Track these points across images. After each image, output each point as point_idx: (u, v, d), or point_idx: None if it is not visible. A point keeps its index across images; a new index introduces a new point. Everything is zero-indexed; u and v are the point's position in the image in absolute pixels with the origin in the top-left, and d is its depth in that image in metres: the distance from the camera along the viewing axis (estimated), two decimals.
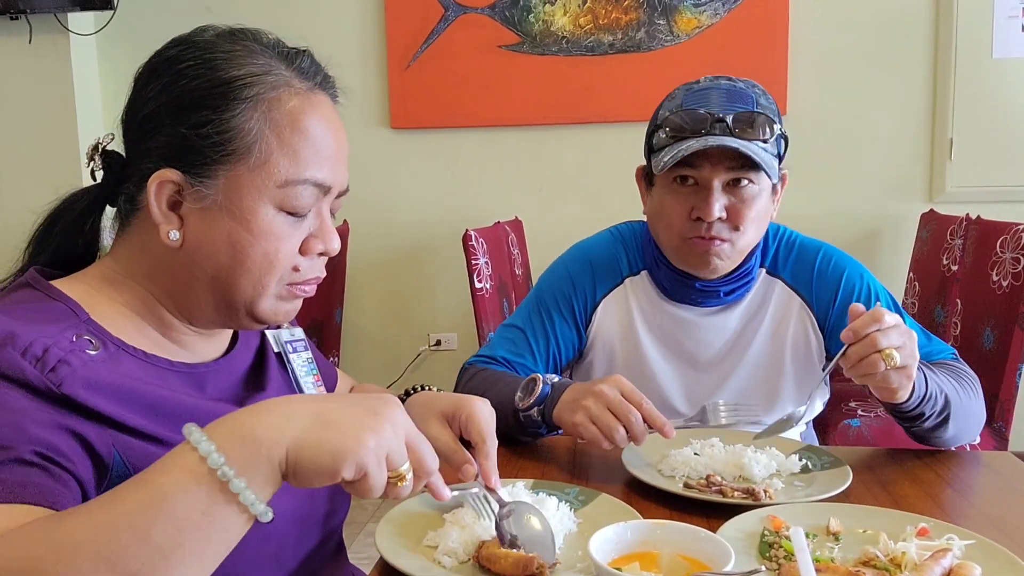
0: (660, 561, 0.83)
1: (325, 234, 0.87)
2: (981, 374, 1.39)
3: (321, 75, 0.88)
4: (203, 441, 0.61)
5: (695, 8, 3.28)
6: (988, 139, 3.22)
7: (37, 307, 0.79)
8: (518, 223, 3.33)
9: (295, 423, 0.64)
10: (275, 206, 0.83)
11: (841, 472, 1.15)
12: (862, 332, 1.06)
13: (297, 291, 0.88)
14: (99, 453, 0.73)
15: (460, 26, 3.38)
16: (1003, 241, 2.33)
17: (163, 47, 0.86)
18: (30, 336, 0.72)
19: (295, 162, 0.83)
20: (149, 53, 0.89)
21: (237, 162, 0.81)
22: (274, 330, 1.02)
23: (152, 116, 0.83)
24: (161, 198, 0.82)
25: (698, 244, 1.32)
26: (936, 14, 3.21)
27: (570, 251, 1.52)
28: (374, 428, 0.65)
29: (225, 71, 0.82)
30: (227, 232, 0.82)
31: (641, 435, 1.12)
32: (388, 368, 3.57)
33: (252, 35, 0.87)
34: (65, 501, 0.67)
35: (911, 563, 0.88)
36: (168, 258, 0.84)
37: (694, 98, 1.31)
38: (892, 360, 1.05)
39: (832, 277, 1.41)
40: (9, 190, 3.48)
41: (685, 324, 1.43)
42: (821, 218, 3.31)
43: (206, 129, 0.81)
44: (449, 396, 1.04)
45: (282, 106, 0.83)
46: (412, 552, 0.93)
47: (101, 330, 0.80)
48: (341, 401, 0.68)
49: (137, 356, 0.82)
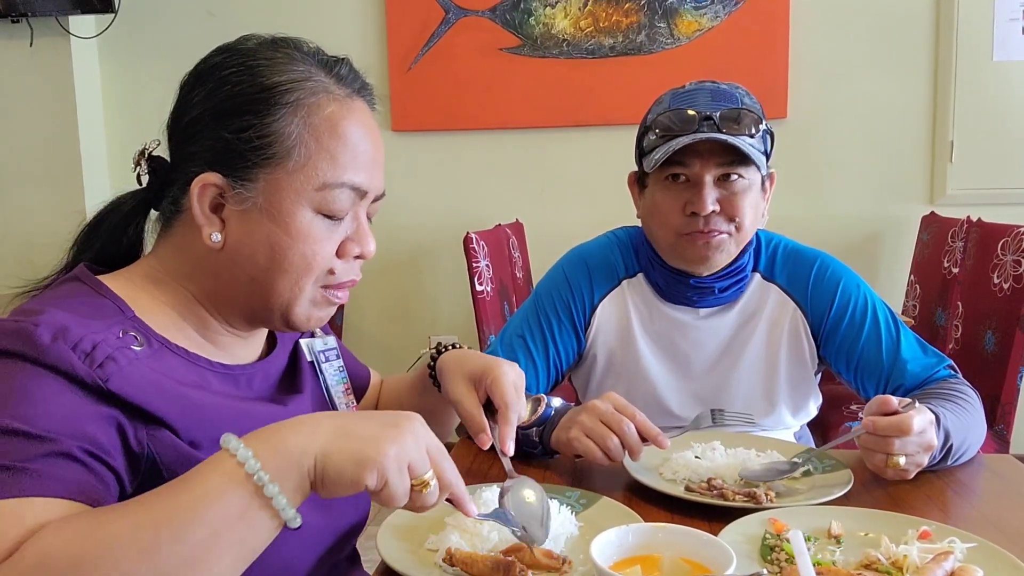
0: (662, 564, 0.83)
1: (361, 237, 0.89)
2: (982, 377, 1.39)
3: (359, 82, 0.91)
4: (240, 448, 0.66)
5: (696, 11, 3.28)
6: (989, 141, 3.22)
7: (86, 301, 0.81)
8: (519, 226, 3.33)
9: (322, 435, 0.68)
10: (313, 209, 0.85)
11: (842, 475, 1.15)
12: (880, 432, 1.08)
13: (332, 296, 0.90)
14: (134, 450, 0.75)
15: (461, 29, 3.39)
16: (1004, 243, 2.33)
17: (208, 54, 0.89)
18: (81, 332, 0.74)
19: (333, 166, 0.85)
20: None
21: (277, 165, 0.83)
22: (308, 339, 1.04)
23: (196, 121, 0.86)
24: (204, 201, 0.84)
25: (697, 238, 1.33)
26: (937, 17, 3.22)
27: (567, 256, 1.52)
28: (395, 439, 0.69)
29: (267, 77, 0.84)
30: (266, 234, 0.84)
31: (636, 446, 1.12)
32: (389, 370, 3.52)
33: (293, 43, 0.89)
34: (103, 497, 0.70)
35: (913, 566, 0.88)
36: (209, 259, 0.86)
37: (681, 99, 1.34)
38: (896, 467, 1.09)
39: (829, 285, 1.42)
40: (10, 192, 3.48)
41: (681, 326, 1.43)
42: (822, 220, 3.31)
43: (248, 133, 0.83)
44: (479, 357, 1.04)
45: (321, 111, 0.85)
46: (413, 556, 0.93)
47: (145, 327, 0.82)
48: (364, 416, 0.72)
49: (179, 354, 0.84)
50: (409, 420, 0.73)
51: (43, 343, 0.72)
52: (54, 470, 0.68)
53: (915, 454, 1.10)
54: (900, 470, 1.09)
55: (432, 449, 0.73)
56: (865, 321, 1.39)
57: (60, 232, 0.95)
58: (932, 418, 1.12)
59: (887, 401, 1.10)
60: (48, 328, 0.73)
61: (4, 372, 0.72)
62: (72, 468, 0.69)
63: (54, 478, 0.67)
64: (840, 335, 1.40)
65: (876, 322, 1.38)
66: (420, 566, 0.90)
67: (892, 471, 1.10)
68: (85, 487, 0.69)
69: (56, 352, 0.72)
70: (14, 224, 3.49)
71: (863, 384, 1.40)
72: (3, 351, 0.73)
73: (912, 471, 1.12)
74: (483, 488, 1.05)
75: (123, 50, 3.51)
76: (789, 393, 1.43)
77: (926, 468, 1.18)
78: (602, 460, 1.13)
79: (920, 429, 1.08)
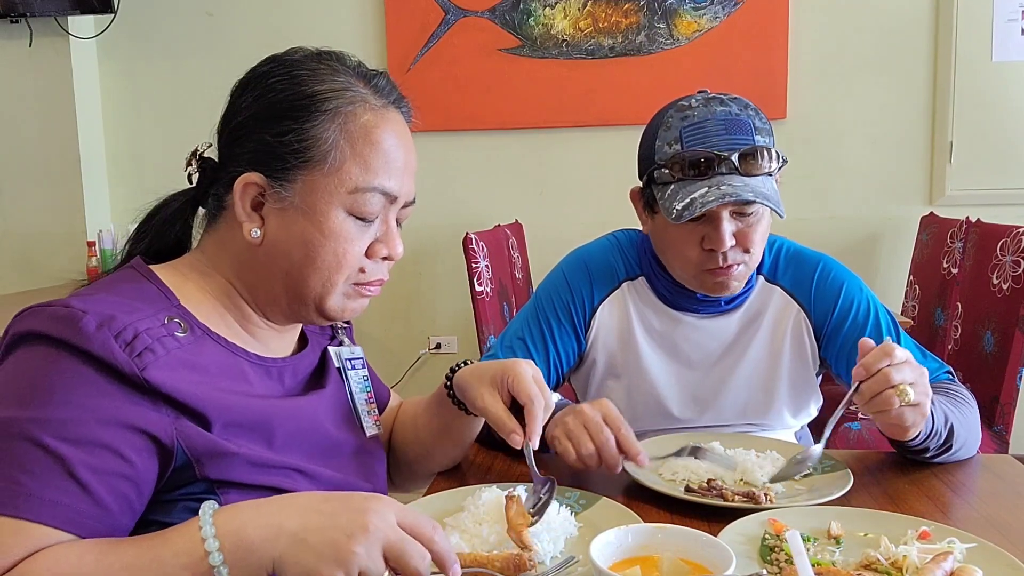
0: (661, 565, 0.83)
1: (390, 240, 0.95)
2: (981, 377, 1.39)
3: (396, 94, 0.97)
4: (210, 537, 0.71)
5: (695, 11, 3.28)
6: (988, 142, 3.22)
7: (136, 287, 0.88)
8: (518, 226, 3.34)
9: (281, 542, 0.72)
10: (345, 210, 0.90)
11: (842, 475, 1.15)
12: (873, 368, 1.06)
13: (364, 291, 0.95)
14: (165, 445, 0.80)
15: (460, 29, 3.39)
16: (1003, 244, 2.33)
17: (258, 64, 0.95)
18: (125, 320, 0.80)
19: (365, 171, 0.90)
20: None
21: (314, 168, 0.89)
22: (336, 347, 1.09)
23: (243, 125, 0.92)
24: (246, 199, 0.90)
25: (717, 274, 1.32)
26: (936, 18, 3.22)
27: (567, 258, 1.52)
28: (345, 559, 0.71)
29: (309, 86, 0.90)
30: (301, 232, 0.90)
31: (612, 460, 1.11)
32: (388, 371, 3.57)
33: (336, 56, 0.96)
34: (92, 525, 0.75)
35: (912, 566, 0.88)
36: (248, 254, 0.92)
37: (693, 133, 1.28)
38: (906, 396, 1.05)
39: (832, 288, 1.41)
40: (9, 193, 3.48)
41: (683, 328, 1.43)
42: (822, 221, 3.31)
43: (288, 137, 0.89)
44: (494, 363, 1.07)
45: (357, 119, 0.91)
46: None
47: (190, 315, 0.88)
48: (325, 516, 0.73)
49: (219, 342, 0.90)
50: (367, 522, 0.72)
51: (88, 331, 0.78)
52: (58, 495, 0.73)
53: (917, 381, 1.06)
54: (911, 403, 1.05)
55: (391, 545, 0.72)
56: (867, 324, 1.39)
57: (59, 232, 0.97)
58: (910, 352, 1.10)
59: (864, 341, 1.09)
60: (95, 316, 0.79)
61: (45, 362, 0.78)
62: (75, 494, 0.74)
63: (55, 504, 0.73)
64: (842, 337, 1.40)
65: (877, 326, 1.39)
66: None
67: (905, 406, 1.05)
68: (81, 516, 0.74)
69: (100, 340, 0.78)
70: (13, 223, 3.48)
71: None
72: (50, 337, 0.78)
73: (924, 402, 1.07)
74: (482, 488, 1.05)
75: (122, 50, 3.51)
76: (790, 393, 1.43)
77: (927, 463, 1.18)
78: (576, 463, 1.13)
79: (904, 356, 1.06)
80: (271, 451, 0.89)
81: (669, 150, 1.29)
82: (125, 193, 3.57)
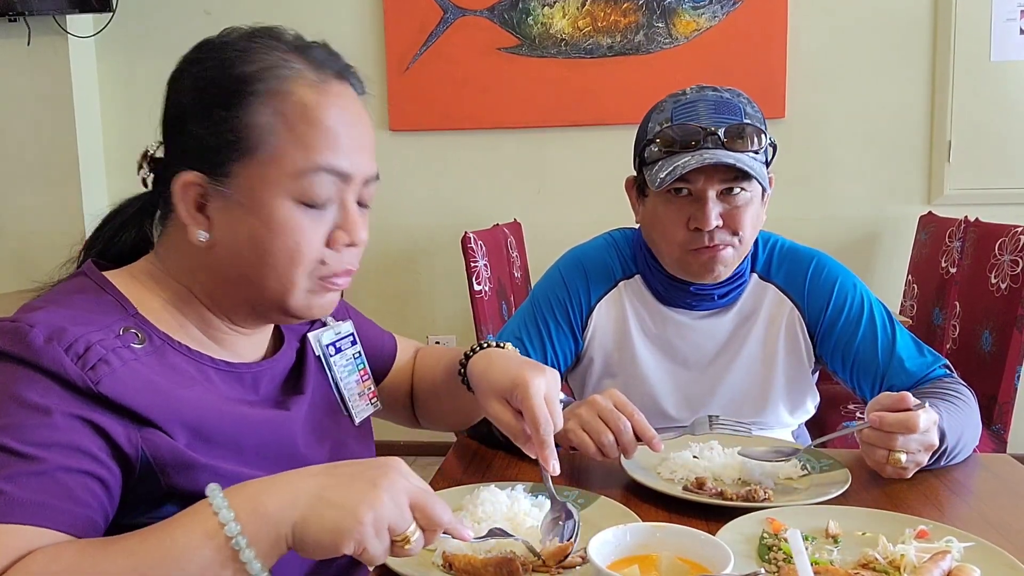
0: (659, 564, 0.83)
1: (350, 224, 0.86)
2: (979, 377, 1.39)
3: (338, 65, 0.88)
4: (223, 510, 0.68)
5: (694, 11, 3.28)
6: (986, 141, 3.22)
7: (89, 298, 0.82)
8: (517, 225, 3.33)
9: (300, 502, 0.69)
10: (292, 199, 0.83)
11: (840, 474, 1.15)
12: (886, 428, 1.09)
13: (329, 284, 0.88)
14: (126, 452, 0.76)
15: (459, 28, 3.38)
16: (1002, 243, 2.33)
17: (190, 50, 0.87)
18: (76, 332, 0.75)
19: (306, 151, 0.82)
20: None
21: (251, 158, 0.82)
22: (317, 331, 1.02)
23: (176, 119, 0.85)
24: (187, 200, 0.83)
25: (702, 253, 1.33)
26: (934, 17, 3.22)
27: (563, 257, 1.52)
28: (372, 503, 0.69)
29: (237, 68, 0.83)
30: (248, 229, 0.83)
31: (630, 445, 1.12)
32: None
33: (270, 32, 0.88)
34: (83, 521, 0.72)
35: (910, 565, 0.88)
36: (201, 258, 0.86)
37: (683, 111, 1.32)
38: (897, 464, 1.09)
39: (825, 284, 1.42)
40: (7, 191, 3.47)
41: (679, 327, 1.43)
42: (820, 221, 3.31)
43: (220, 128, 0.82)
44: (505, 369, 1.00)
45: (292, 98, 0.83)
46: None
47: (148, 324, 0.83)
48: (343, 476, 0.71)
49: (181, 351, 0.84)
50: (387, 476, 0.71)
51: (36, 344, 0.73)
52: (39, 496, 0.69)
53: (916, 452, 1.10)
54: (900, 468, 1.10)
55: (414, 496, 0.72)
56: (861, 320, 1.39)
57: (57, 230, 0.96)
58: (936, 418, 1.12)
59: (904, 398, 1.10)
60: (43, 329, 0.74)
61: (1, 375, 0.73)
62: (56, 492, 0.70)
63: (39, 505, 0.69)
64: (836, 333, 1.40)
65: (872, 321, 1.39)
66: (419, 566, 0.90)
67: (892, 468, 1.10)
68: (66, 515, 0.71)
69: (49, 354, 0.73)
70: (11, 223, 3.48)
71: (859, 383, 1.40)
72: (1, 352, 0.74)
73: (911, 470, 1.12)
74: (482, 488, 1.05)
75: (121, 49, 3.50)
76: (786, 391, 1.44)
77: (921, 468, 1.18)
78: (595, 455, 1.13)
79: (925, 428, 1.09)
80: (241, 463, 0.83)
81: (659, 128, 1.33)
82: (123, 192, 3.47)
